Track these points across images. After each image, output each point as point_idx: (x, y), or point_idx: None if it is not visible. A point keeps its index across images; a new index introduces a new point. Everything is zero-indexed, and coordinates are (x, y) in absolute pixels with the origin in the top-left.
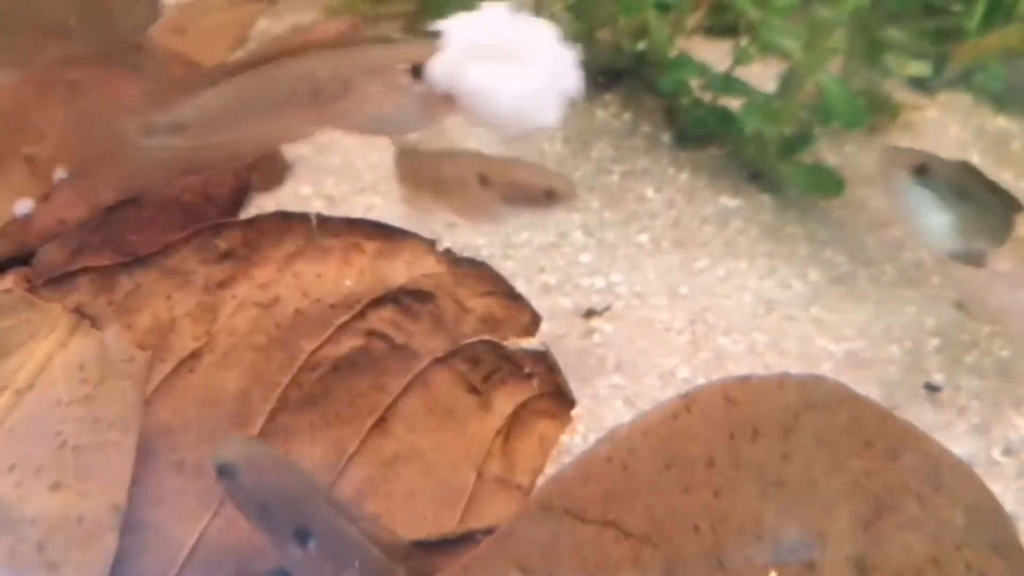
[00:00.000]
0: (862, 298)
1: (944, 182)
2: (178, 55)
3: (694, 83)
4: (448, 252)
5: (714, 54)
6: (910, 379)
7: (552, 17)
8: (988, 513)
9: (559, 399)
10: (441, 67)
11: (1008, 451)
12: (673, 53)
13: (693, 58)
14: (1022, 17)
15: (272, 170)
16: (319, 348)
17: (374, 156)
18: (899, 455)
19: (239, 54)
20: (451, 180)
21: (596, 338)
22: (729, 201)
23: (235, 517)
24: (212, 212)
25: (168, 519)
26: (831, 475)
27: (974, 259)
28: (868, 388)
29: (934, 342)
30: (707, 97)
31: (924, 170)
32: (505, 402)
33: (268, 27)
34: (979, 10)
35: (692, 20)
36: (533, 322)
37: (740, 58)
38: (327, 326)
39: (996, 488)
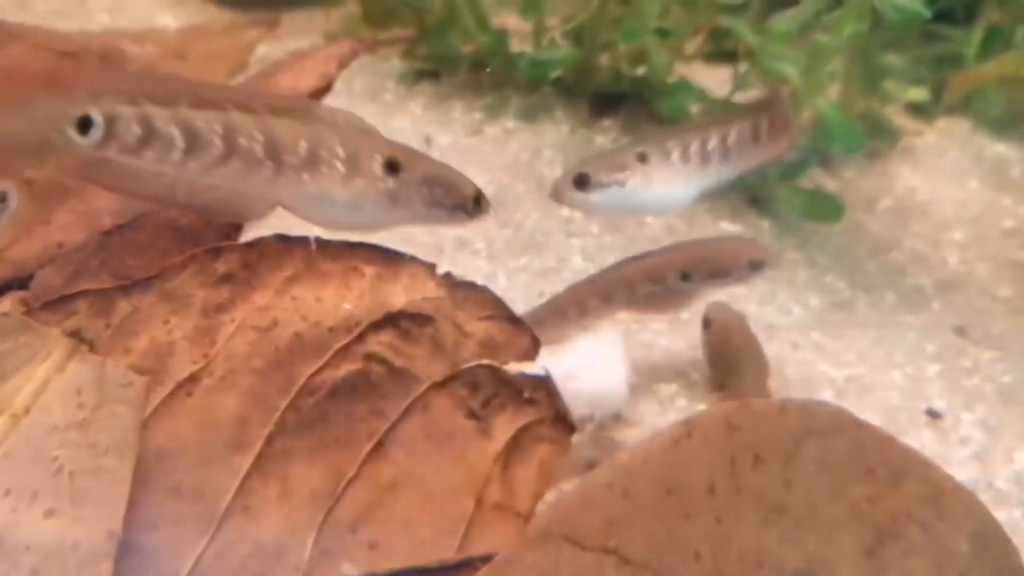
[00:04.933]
0: (863, 324)
1: None
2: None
3: (694, 108)
4: (448, 276)
5: (714, 80)
6: (911, 405)
7: (552, 43)
8: (993, 541)
9: (559, 425)
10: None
11: (1010, 478)
12: (672, 78)
13: (692, 83)
14: (1020, 44)
15: None
16: (318, 372)
17: None
18: (902, 481)
19: (239, 79)
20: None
21: None
22: (729, 226)
23: (232, 542)
24: (211, 235)
25: (164, 545)
26: (833, 501)
27: None
28: (869, 414)
29: (935, 368)
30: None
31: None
32: (505, 427)
33: (268, 52)
34: (977, 37)
35: (691, 46)
36: (533, 347)
37: (740, 84)
38: (326, 350)
39: (999, 515)
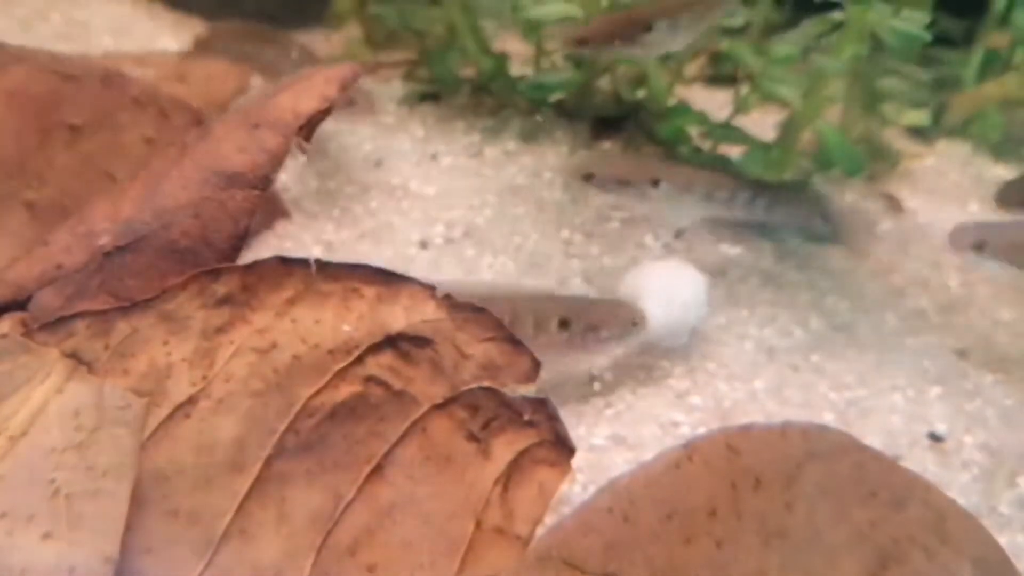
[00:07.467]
0: (864, 346)
1: None
2: (179, 102)
3: (694, 131)
4: (448, 298)
5: (714, 103)
6: (912, 428)
7: (552, 66)
8: (996, 565)
9: (559, 447)
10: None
11: (1012, 502)
12: (672, 101)
13: (692, 106)
14: (1018, 67)
15: (271, 216)
16: (317, 394)
17: (374, 203)
18: (904, 505)
19: (240, 101)
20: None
21: (596, 386)
22: (730, 249)
23: (229, 566)
24: (211, 257)
25: (161, 568)
26: (835, 525)
27: None
28: (870, 437)
29: (936, 390)
30: (706, 145)
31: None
32: (504, 450)
33: None
34: (976, 60)
35: (692, 69)
36: (533, 369)
37: (740, 107)
38: (325, 372)
39: (1001, 540)
